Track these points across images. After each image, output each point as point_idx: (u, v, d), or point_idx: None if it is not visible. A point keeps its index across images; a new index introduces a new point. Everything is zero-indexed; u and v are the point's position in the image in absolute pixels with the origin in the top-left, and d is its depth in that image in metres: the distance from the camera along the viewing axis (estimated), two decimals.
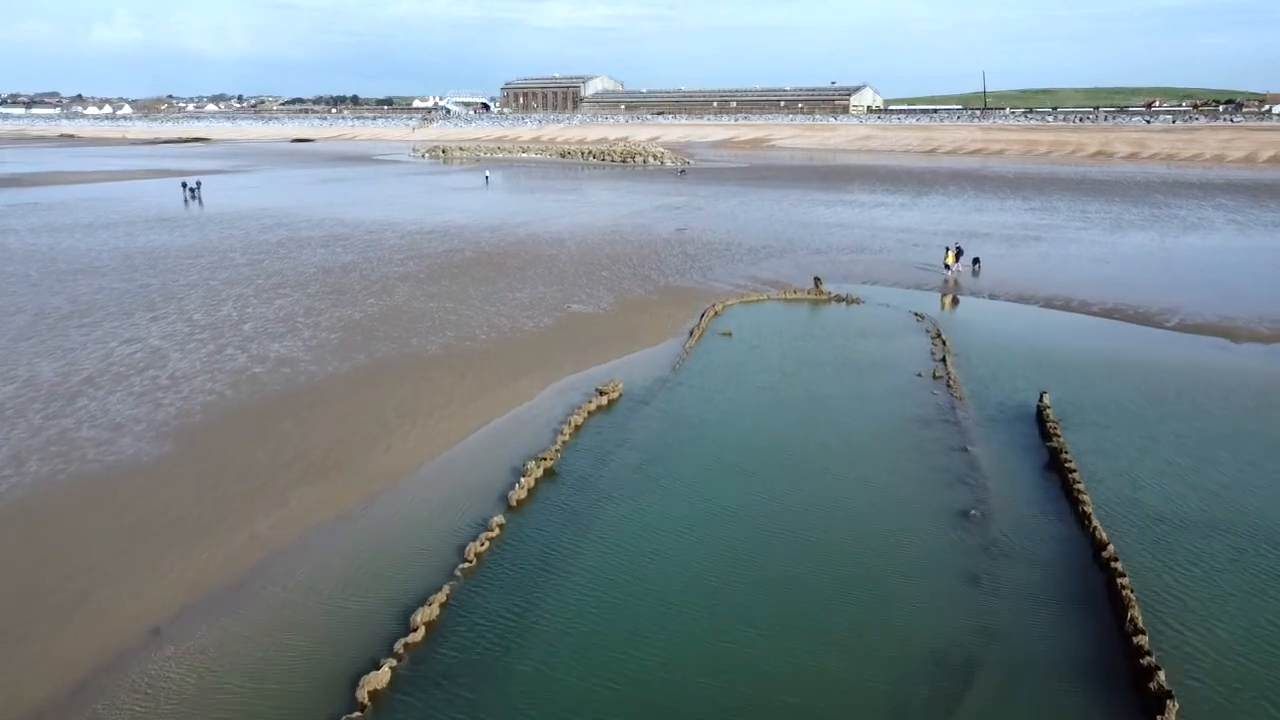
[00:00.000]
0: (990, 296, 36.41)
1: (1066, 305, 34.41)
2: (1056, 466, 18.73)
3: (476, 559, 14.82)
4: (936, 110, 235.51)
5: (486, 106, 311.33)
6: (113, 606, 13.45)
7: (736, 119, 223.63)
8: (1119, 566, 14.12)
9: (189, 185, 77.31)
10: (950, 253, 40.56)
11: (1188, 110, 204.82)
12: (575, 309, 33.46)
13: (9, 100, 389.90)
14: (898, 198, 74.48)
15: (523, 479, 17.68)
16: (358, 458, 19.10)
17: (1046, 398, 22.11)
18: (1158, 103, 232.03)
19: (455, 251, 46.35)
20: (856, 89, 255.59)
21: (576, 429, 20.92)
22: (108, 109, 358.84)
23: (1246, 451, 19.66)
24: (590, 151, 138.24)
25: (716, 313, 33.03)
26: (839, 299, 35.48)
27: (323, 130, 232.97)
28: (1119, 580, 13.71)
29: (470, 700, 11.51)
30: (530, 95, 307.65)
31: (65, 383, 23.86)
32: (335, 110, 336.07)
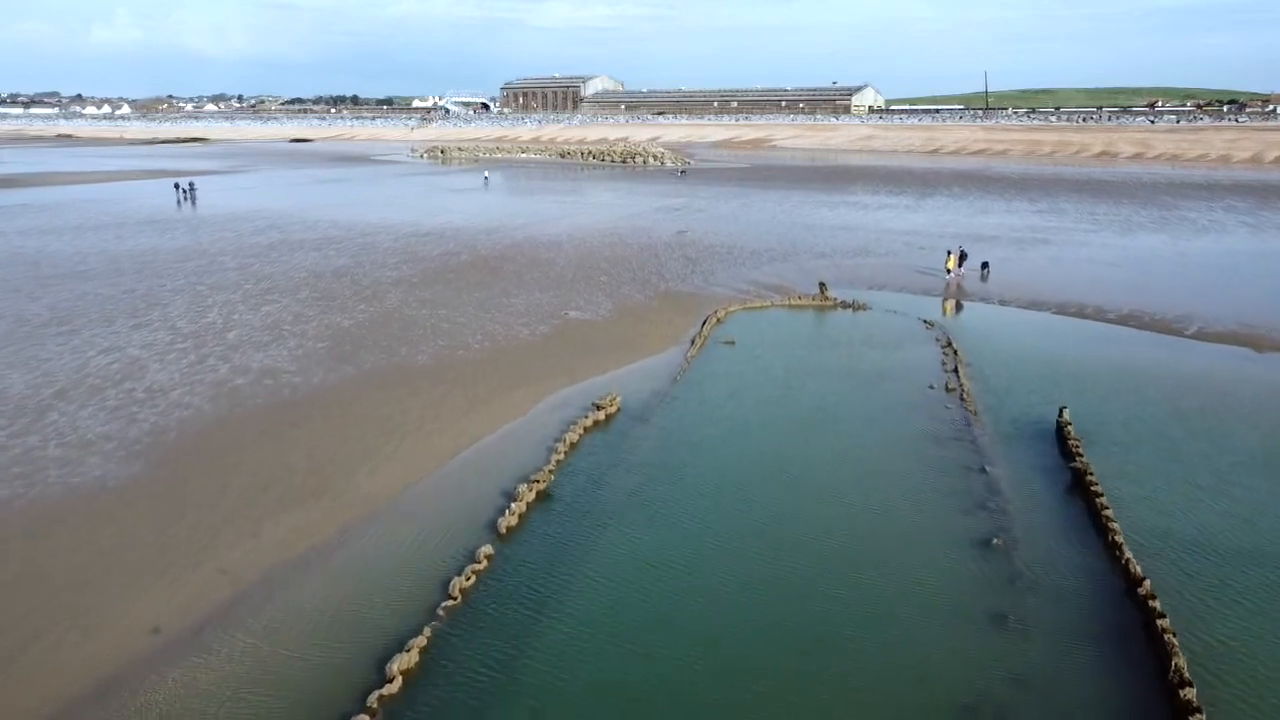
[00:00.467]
0: (1000, 302, 35.29)
1: (1080, 312, 33.28)
2: (1081, 489, 17.62)
3: (462, 595, 13.70)
4: (938, 110, 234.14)
5: (486, 106, 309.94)
6: (61, 651, 12.34)
7: (737, 119, 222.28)
8: (1157, 606, 13.00)
9: (182, 186, 76.20)
10: (952, 256, 39.44)
11: (1192, 110, 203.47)
12: (573, 316, 32.35)
13: (8, 100, 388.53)
14: (902, 199, 73.33)
15: (513, 504, 16.57)
16: (339, 480, 17.98)
17: (1066, 413, 20.99)
18: (1160, 103, 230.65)
19: (450, 255, 45.23)
20: (858, 89, 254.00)
21: (572, 447, 19.80)
22: (106, 109, 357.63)
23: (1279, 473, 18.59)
24: (590, 152, 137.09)
25: (719, 320, 31.91)
26: (845, 305, 34.38)
27: (321, 130, 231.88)
28: (1159, 622, 12.60)
29: None
30: (530, 95, 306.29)
31: (36, 396, 22.74)
32: (334, 110, 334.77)
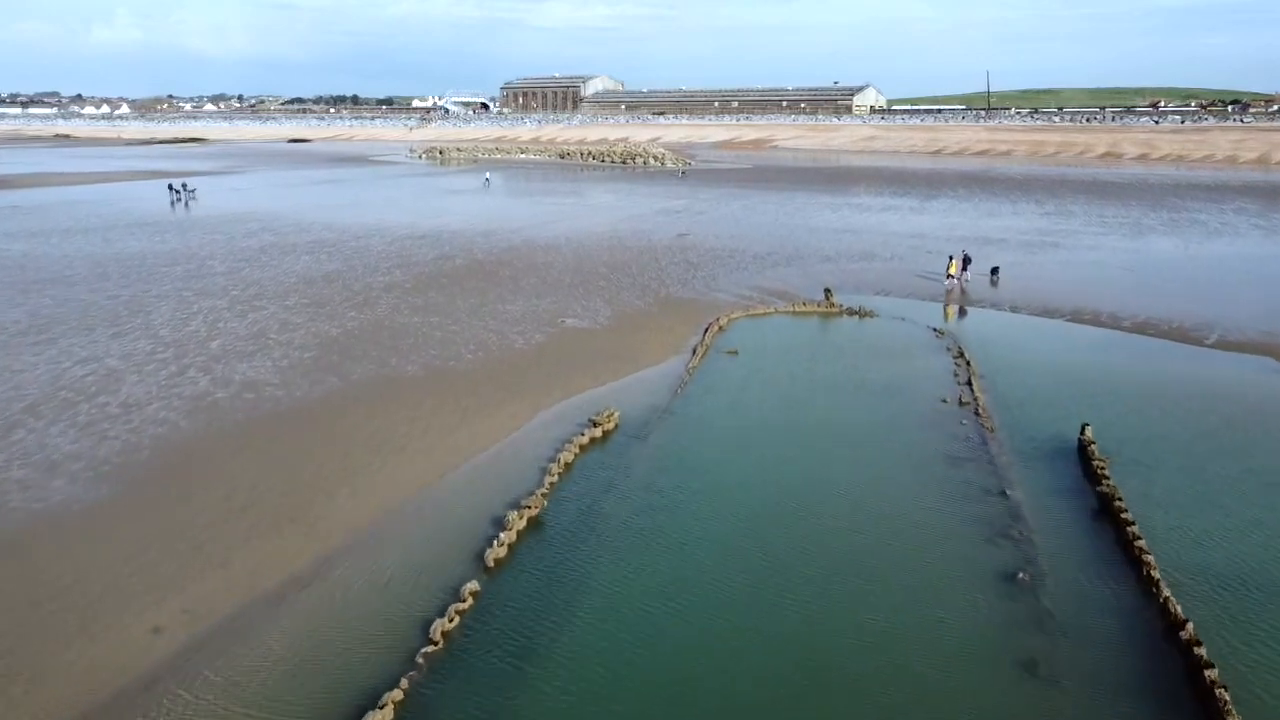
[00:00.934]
0: (1012, 309, 34.18)
1: (1095, 319, 32.16)
2: (1108, 515, 16.52)
3: (444, 639, 12.60)
4: (940, 110, 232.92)
5: (486, 106, 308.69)
6: None
7: (738, 119, 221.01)
8: (1203, 655, 11.89)
9: (175, 187, 75.09)
10: (954, 261, 38.21)
11: (1196, 110, 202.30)
12: (570, 323, 31.25)
13: (7, 100, 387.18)
14: (906, 201, 72.19)
15: (503, 533, 15.47)
16: (318, 504, 16.88)
17: (1089, 431, 19.89)
18: (1163, 103, 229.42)
19: (445, 259, 44.12)
20: (859, 89, 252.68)
21: (566, 468, 18.70)
22: (105, 109, 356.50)
23: None
24: (590, 153, 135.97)
25: (721, 328, 30.80)
26: (851, 312, 33.26)
27: (320, 130, 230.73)
28: (1207, 673, 11.50)
29: None
30: (530, 95, 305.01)
31: (4, 411, 21.63)
32: (334, 110, 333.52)
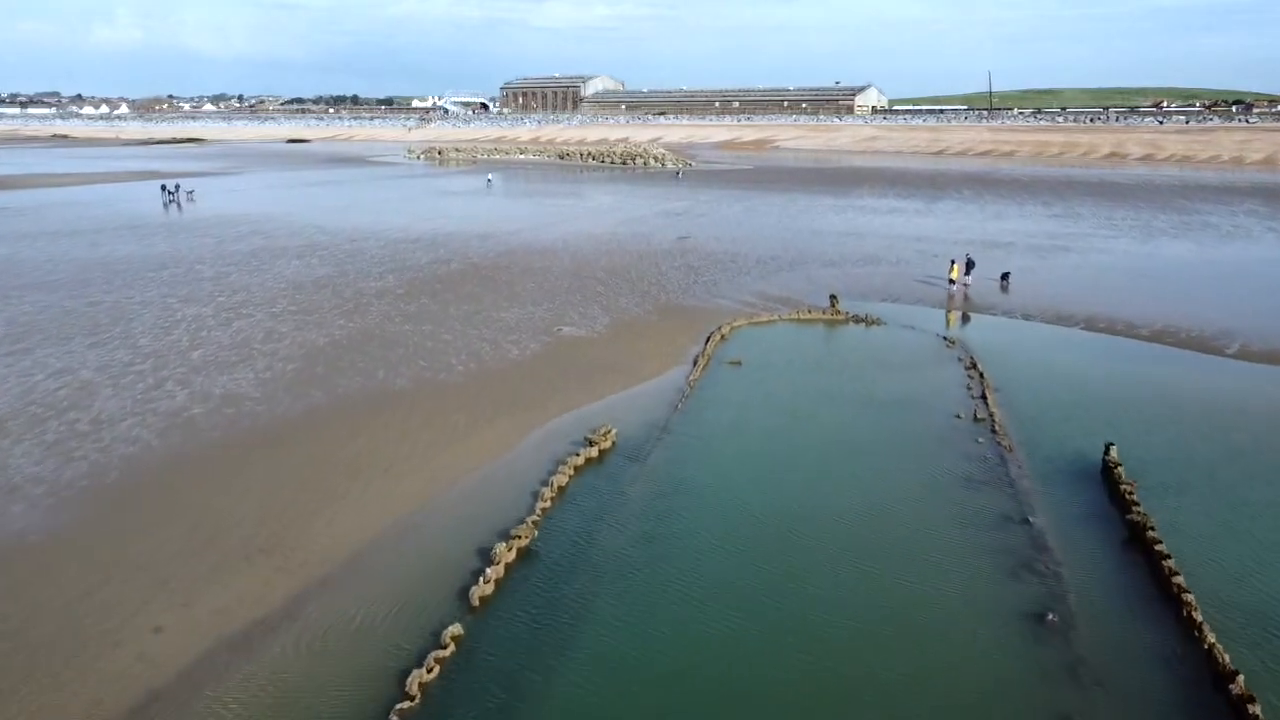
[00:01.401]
0: (1024, 316, 33.04)
1: (1110, 327, 31.02)
2: (1140, 546, 15.41)
3: (421, 693, 11.49)
4: (942, 110, 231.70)
5: (486, 106, 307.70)
6: None
7: (739, 119, 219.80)
8: (1259, 713, 10.78)
9: (169, 188, 74.01)
10: (956, 266, 37.03)
11: (1201, 110, 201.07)
12: (566, 332, 30.14)
13: (7, 100, 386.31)
14: (911, 203, 71.02)
15: (489, 568, 14.36)
16: (292, 534, 15.78)
17: (1114, 451, 18.77)
18: (1166, 103, 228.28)
19: (440, 263, 43.01)
20: (861, 89, 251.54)
21: (560, 492, 17.59)
22: (104, 109, 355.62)
23: None
24: (590, 153, 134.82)
25: (723, 337, 29.68)
26: (857, 319, 32.15)
27: (319, 130, 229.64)
28: None
29: None
30: (530, 95, 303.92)
31: None
32: (333, 111, 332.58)
